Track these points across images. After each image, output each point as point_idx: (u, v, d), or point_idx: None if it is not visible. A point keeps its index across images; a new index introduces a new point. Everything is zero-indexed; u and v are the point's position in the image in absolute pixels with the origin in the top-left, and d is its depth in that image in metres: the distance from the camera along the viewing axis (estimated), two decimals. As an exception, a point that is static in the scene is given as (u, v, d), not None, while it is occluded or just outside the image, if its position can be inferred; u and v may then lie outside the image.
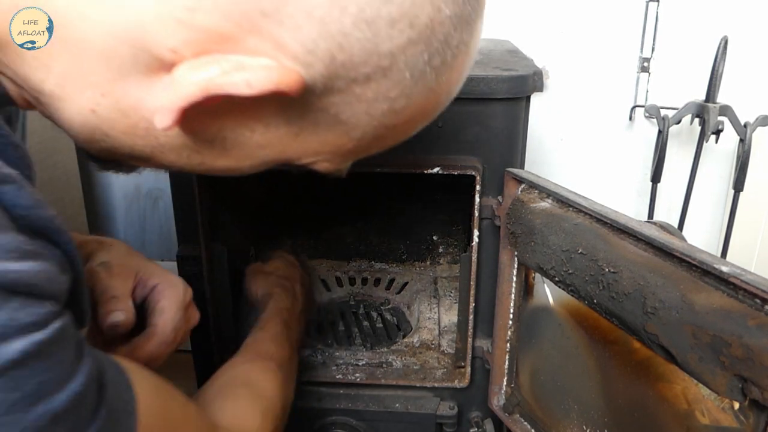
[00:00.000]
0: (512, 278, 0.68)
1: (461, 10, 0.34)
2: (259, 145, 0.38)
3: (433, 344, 0.85)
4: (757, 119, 1.03)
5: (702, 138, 1.06)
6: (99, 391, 0.33)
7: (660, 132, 1.06)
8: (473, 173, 0.67)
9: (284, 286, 0.79)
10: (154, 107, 0.34)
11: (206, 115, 0.34)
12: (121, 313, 0.52)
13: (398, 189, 0.98)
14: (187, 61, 0.32)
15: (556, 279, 0.57)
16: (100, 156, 0.41)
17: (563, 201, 0.58)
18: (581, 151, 1.16)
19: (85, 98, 0.36)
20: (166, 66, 0.33)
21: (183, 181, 0.72)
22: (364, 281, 1.00)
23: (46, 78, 0.35)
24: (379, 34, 0.32)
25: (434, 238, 1.04)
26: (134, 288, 0.55)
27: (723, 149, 1.12)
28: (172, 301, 0.55)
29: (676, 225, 1.12)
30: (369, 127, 0.37)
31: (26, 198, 0.31)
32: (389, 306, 0.94)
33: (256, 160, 0.39)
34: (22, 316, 0.29)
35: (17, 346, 0.29)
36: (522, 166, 0.73)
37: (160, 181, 1.23)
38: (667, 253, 0.46)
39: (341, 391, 0.79)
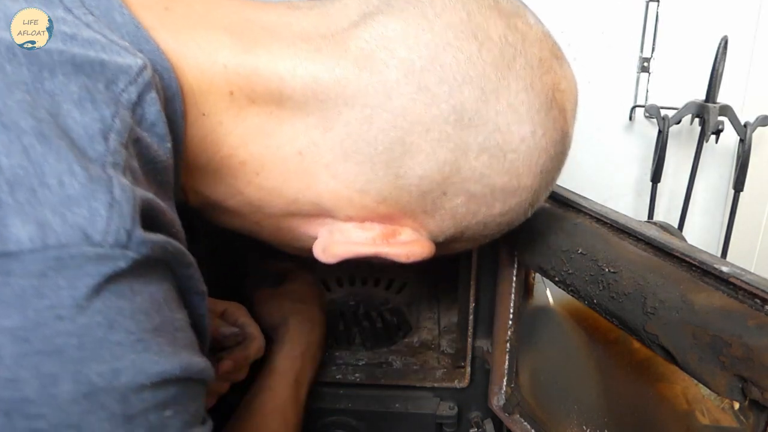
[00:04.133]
0: (512, 278, 0.68)
1: (536, 208, 0.48)
2: (361, 259, 0.47)
3: (433, 344, 0.85)
4: (757, 119, 1.03)
5: (702, 138, 1.06)
6: None
7: (660, 132, 1.06)
8: (473, 173, 0.67)
9: (301, 312, 0.72)
10: (306, 232, 0.45)
11: None
12: (232, 327, 0.63)
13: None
14: (354, 223, 0.43)
15: (556, 279, 0.57)
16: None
17: (563, 201, 0.58)
18: (581, 151, 1.16)
19: (254, 216, 0.45)
20: (330, 216, 0.43)
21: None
22: (364, 281, 1.00)
23: (229, 200, 0.43)
24: (488, 228, 0.45)
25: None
26: None
27: (723, 149, 1.12)
28: (247, 316, 0.66)
29: (676, 225, 1.12)
30: (441, 253, 0.48)
31: (204, 308, 0.38)
32: (389, 306, 0.94)
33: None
34: (201, 409, 0.35)
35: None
36: (522, 166, 0.73)
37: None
38: (667, 253, 0.46)
39: (341, 391, 0.78)
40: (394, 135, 0.39)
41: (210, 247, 0.75)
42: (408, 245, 0.43)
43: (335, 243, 0.43)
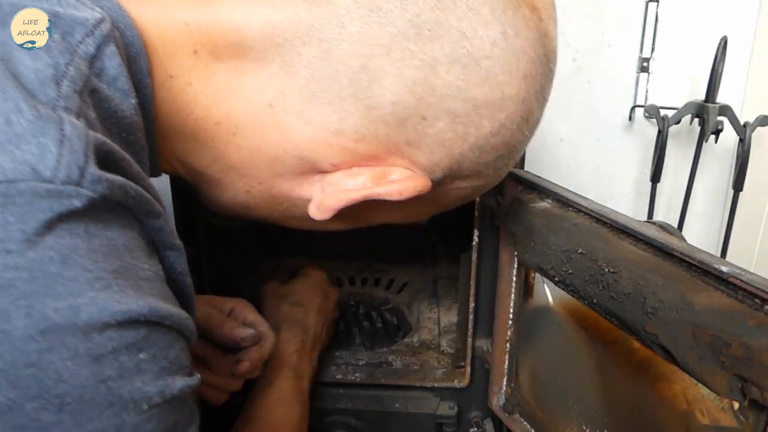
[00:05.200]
0: (512, 278, 0.68)
1: (534, 130, 0.45)
2: (373, 218, 0.48)
3: (433, 344, 0.85)
4: (756, 119, 1.03)
5: (702, 138, 1.06)
6: None
7: (660, 132, 1.06)
8: (473, 173, 0.67)
9: (293, 317, 0.73)
10: (300, 195, 0.43)
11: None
12: (247, 328, 0.62)
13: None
14: (341, 171, 0.41)
15: (556, 279, 0.57)
16: (226, 215, 0.49)
17: (563, 201, 0.58)
18: (581, 151, 1.16)
19: (242, 183, 0.43)
20: (318, 171, 0.42)
21: (183, 182, 0.72)
22: (364, 281, 1.00)
23: (212, 165, 0.43)
24: (485, 154, 0.43)
25: (434, 238, 1.04)
26: None
27: (723, 149, 1.12)
28: (255, 313, 0.65)
29: (675, 225, 1.12)
30: (454, 201, 0.48)
31: (182, 264, 0.37)
32: (389, 306, 0.94)
33: (364, 225, 0.49)
34: (183, 359, 0.33)
35: (179, 383, 0.32)
36: (522, 166, 0.73)
37: (160, 181, 1.22)
38: (667, 253, 0.46)
39: (341, 391, 0.78)
40: (356, 64, 0.37)
41: (210, 247, 0.75)
42: (400, 182, 0.41)
43: (327, 196, 0.42)
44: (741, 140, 1.04)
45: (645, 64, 1.09)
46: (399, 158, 0.41)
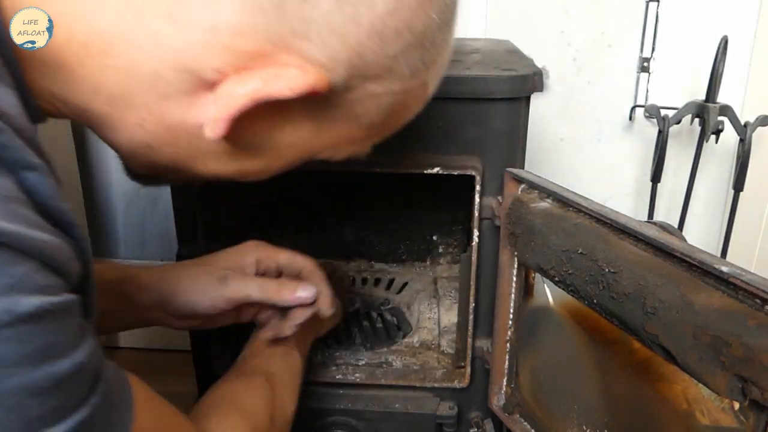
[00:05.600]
0: (512, 278, 0.68)
1: (445, 16, 0.40)
2: (288, 145, 0.43)
3: (433, 344, 0.85)
4: (757, 119, 1.03)
5: (702, 138, 1.06)
6: (95, 376, 0.33)
7: (660, 132, 1.06)
8: (473, 173, 0.67)
9: None
10: (196, 121, 0.39)
11: (245, 122, 0.38)
12: (302, 287, 0.64)
13: (398, 189, 0.98)
14: (229, 78, 0.37)
15: (556, 279, 0.57)
16: (140, 170, 0.45)
17: (563, 201, 0.58)
18: (581, 151, 1.17)
19: (132, 116, 0.39)
20: (208, 85, 0.37)
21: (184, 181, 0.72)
22: (364, 281, 1.00)
23: (94, 98, 0.38)
24: (387, 41, 0.38)
25: (434, 238, 1.04)
26: None
27: (723, 149, 1.12)
28: (277, 251, 0.67)
29: (676, 225, 1.12)
30: (376, 116, 0.43)
31: (46, 187, 0.32)
32: (389, 306, 0.94)
33: (285, 159, 0.45)
34: (38, 278, 0.30)
35: (33, 301, 0.29)
36: (522, 166, 0.73)
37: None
38: (667, 253, 0.46)
39: (341, 391, 0.79)
40: None
41: (210, 247, 0.75)
42: (290, 78, 0.37)
43: (218, 109, 0.38)
44: (741, 140, 1.04)
45: (645, 64, 1.09)
46: (290, 55, 0.37)
